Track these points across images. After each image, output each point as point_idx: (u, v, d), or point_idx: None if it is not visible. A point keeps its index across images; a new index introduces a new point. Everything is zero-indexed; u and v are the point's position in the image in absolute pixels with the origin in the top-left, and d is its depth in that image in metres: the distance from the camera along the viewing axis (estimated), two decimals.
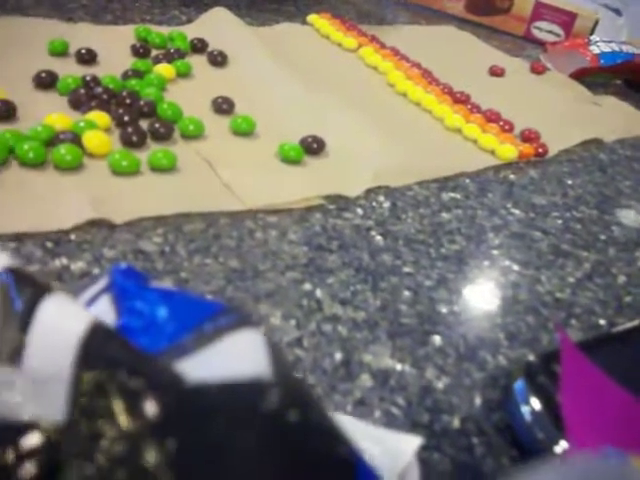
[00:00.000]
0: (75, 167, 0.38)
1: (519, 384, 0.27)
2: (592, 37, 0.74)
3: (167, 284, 0.31)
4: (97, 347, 0.15)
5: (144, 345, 0.17)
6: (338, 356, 0.29)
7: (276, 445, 0.14)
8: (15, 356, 0.15)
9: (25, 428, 0.14)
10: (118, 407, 0.15)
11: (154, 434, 0.14)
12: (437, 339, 0.31)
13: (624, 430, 0.20)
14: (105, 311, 0.20)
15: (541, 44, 0.80)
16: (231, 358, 0.15)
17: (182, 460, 0.14)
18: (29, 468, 0.14)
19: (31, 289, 0.16)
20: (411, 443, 0.23)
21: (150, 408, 0.14)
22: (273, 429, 0.14)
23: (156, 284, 0.20)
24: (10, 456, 0.14)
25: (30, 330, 0.16)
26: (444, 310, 0.33)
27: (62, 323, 0.16)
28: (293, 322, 0.30)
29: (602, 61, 0.69)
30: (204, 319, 0.17)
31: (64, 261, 0.31)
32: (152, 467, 0.13)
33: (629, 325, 0.32)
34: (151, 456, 0.14)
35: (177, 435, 0.14)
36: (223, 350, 0.16)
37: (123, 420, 0.15)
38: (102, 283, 0.22)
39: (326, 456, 0.15)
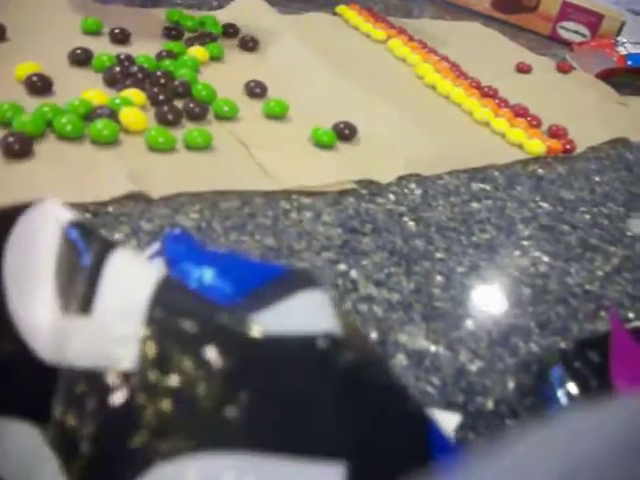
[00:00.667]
0: (112, 142, 0.38)
1: (556, 370, 0.27)
2: (619, 38, 0.74)
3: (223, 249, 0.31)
4: (169, 297, 0.15)
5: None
6: (374, 335, 0.29)
7: (353, 399, 0.14)
8: (85, 306, 0.16)
9: (98, 375, 0.15)
10: (185, 358, 0.15)
11: (225, 381, 0.14)
12: (470, 323, 0.31)
13: None
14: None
15: (567, 44, 0.80)
16: (301, 314, 0.16)
17: (256, 408, 0.14)
18: (118, 396, 0.14)
19: (98, 244, 0.17)
20: (451, 420, 0.23)
21: (217, 356, 0.15)
22: (350, 383, 0.15)
23: (211, 249, 0.21)
24: (110, 379, 0.14)
25: (100, 282, 0.16)
26: (476, 296, 0.33)
27: (133, 275, 0.16)
28: None
29: (630, 62, 0.69)
30: (267, 280, 0.17)
31: (102, 232, 0.32)
32: (221, 413, 0.14)
33: None
34: (218, 401, 0.14)
35: (248, 384, 0.14)
36: (291, 307, 0.16)
37: (189, 368, 0.15)
38: (155, 247, 0.22)
39: (400, 412, 0.15)
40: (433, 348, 0.29)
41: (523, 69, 0.68)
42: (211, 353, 0.15)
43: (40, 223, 0.17)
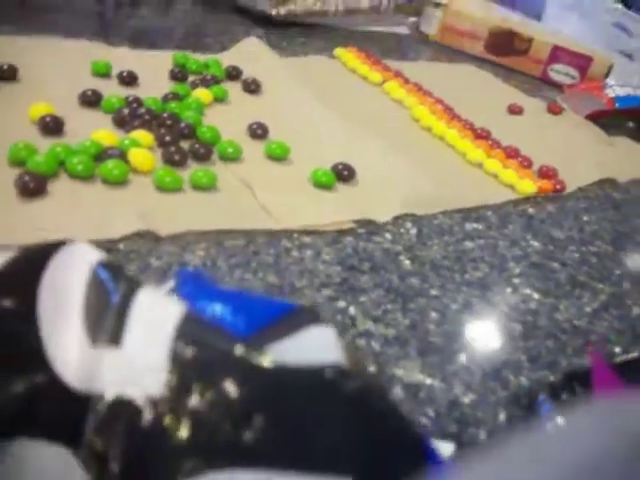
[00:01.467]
0: (122, 182, 0.40)
1: (543, 401, 0.29)
2: (607, 81, 0.77)
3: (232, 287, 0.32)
4: (191, 330, 0.17)
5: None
6: (371, 369, 0.31)
7: (358, 422, 0.16)
8: (116, 339, 0.17)
9: (128, 401, 0.16)
10: (205, 386, 0.17)
11: (241, 407, 0.16)
12: (463, 358, 0.33)
13: None
14: None
15: (557, 86, 0.83)
16: (310, 347, 0.17)
17: (270, 431, 0.15)
18: (145, 420, 0.16)
19: (126, 283, 0.18)
20: (445, 449, 0.25)
21: (234, 385, 0.16)
22: (355, 409, 0.16)
23: (223, 287, 0.22)
24: (138, 404, 0.16)
25: (129, 317, 0.18)
26: (469, 332, 0.35)
27: (158, 310, 0.17)
28: None
29: (617, 104, 0.71)
30: (277, 316, 0.19)
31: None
32: (238, 436, 0.15)
33: None
34: (236, 425, 0.16)
35: (262, 409, 0.16)
36: (301, 341, 0.18)
37: (209, 395, 0.16)
38: (169, 285, 0.24)
39: (402, 437, 0.17)
40: (428, 381, 0.31)
41: (515, 110, 0.70)
42: (229, 382, 0.16)
43: (72, 263, 0.19)
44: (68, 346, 0.18)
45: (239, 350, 0.17)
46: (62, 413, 0.17)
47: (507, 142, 0.59)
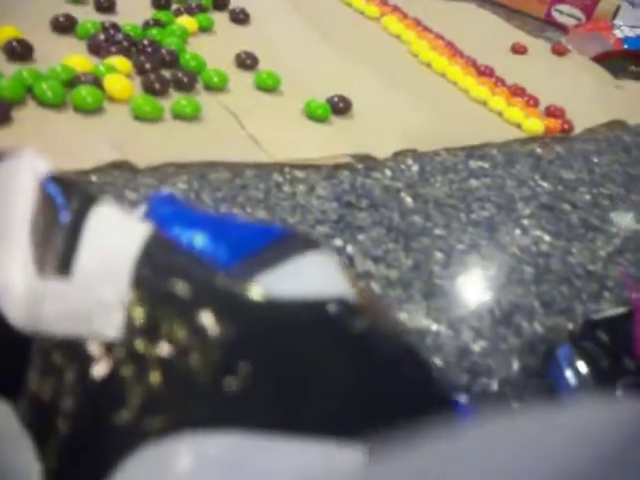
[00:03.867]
0: (96, 110, 0.36)
1: (564, 349, 0.26)
2: (616, 21, 0.73)
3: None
4: (159, 256, 0.14)
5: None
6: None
7: (368, 371, 0.13)
8: (64, 267, 0.14)
9: (78, 344, 0.13)
10: (177, 325, 0.13)
11: (223, 350, 0.12)
12: (472, 302, 0.30)
13: None
14: None
15: (561, 27, 0.79)
16: (308, 277, 0.14)
17: (257, 381, 0.12)
18: (100, 368, 0.12)
19: (79, 198, 0.15)
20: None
21: (214, 322, 0.13)
22: (364, 353, 0.13)
23: (202, 211, 0.19)
24: (91, 349, 0.12)
25: (80, 240, 0.14)
26: (477, 274, 0.32)
27: (118, 232, 0.14)
28: None
29: (626, 45, 0.68)
30: (266, 243, 0.16)
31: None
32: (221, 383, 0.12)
33: None
34: (214, 373, 0.13)
35: (248, 353, 0.12)
36: (297, 269, 0.14)
37: (182, 336, 0.13)
38: (140, 210, 0.20)
39: (421, 386, 0.13)
40: (434, 327, 0.28)
41: (519, 50, 0.66)
42: (207, 319, 0.13)
43: (15, 175, 0.15)
44: (10, 274, 0.14)
45: (220, 280, 0.13)
46: (2, 357, 0.14)
47: (511, 81, 0.56)
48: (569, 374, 0.25)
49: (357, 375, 0.13)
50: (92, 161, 0.32)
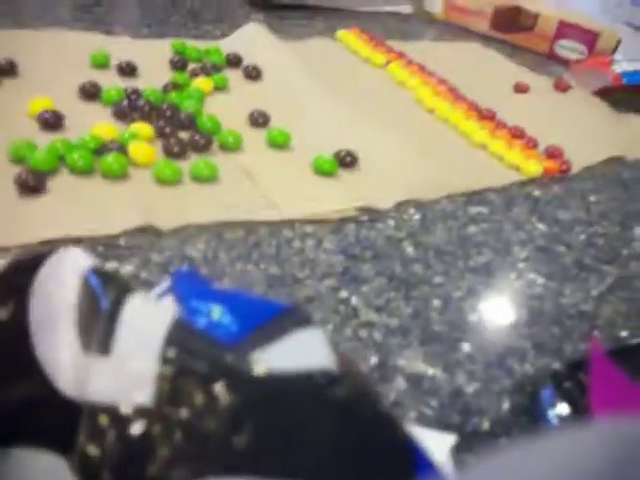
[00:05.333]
0: (121, 176, 0.40)
1: (547, 390, 0.28)
2: (615, 56, 0.76)
3: (228, 287, 0.32)
4: (181, 337, 0.17)
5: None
6: (374, 359, 0.30)
7: (347, 430, 0.16)
8: (105, 347, 0.17)
9: (118, 409, 0.16)
10: (196, 394, 0.17)
11: (232, 414, 0.16)
12: (466, 346, 0.33)
13: None
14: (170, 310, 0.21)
15: (564, 62, 0.82)
16: (299, 352, 0.17)
17: (260, 438, 0.15)
18: (135, 428, 0.16)
19: (116, 289, 0.18)
20: (446, 441, 0.25)
21: (225, 392, 0.16)
22: (343, 416, 0.16)
23: (217, 286, 0.22)
24: (128, 413, 0.16)
25: (118, 324, 0.17)
26: (473, 319, 0.35)
27: (148, 317, 0.17)
28: (330, 327, 0.32)
29: (625, 80, 0.70)
30: (268, 318, 0.19)
31: (114, 264, 0.33)
32: (229, 443, 0.15)
33: None
34: (226, 432, 0.16)
35: (252, 416, 0.16)
36: (290, 345, 0.17)
37: (199, 403, 0.16)
38: (165, 285, 0.23)
39: (390, 443, 0.16)
40: (431, 371, 0.31)
41: (521, 89, 0.69)
42: (219, 389, 0.16)
43: (63, 270, 0.19)
44: (60, 353, 0.17)
45: (230, 358, 0.17)
46: (55, 420, 0.17)
47: (513, 122, 0.59)
48: (551, 415, 0.27)
49: (337, 432, 0.16)
50: (120, 226, 0.35)
